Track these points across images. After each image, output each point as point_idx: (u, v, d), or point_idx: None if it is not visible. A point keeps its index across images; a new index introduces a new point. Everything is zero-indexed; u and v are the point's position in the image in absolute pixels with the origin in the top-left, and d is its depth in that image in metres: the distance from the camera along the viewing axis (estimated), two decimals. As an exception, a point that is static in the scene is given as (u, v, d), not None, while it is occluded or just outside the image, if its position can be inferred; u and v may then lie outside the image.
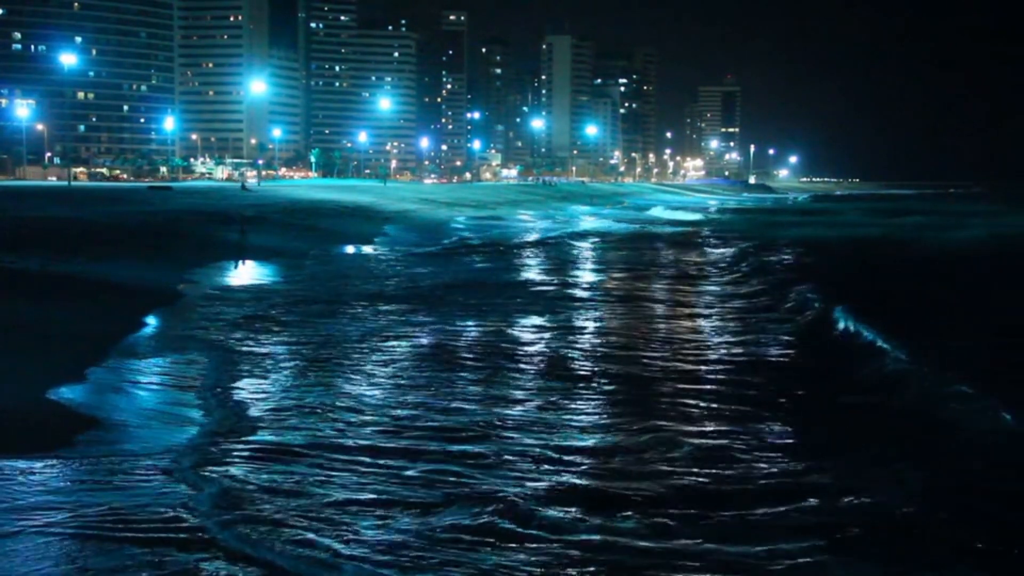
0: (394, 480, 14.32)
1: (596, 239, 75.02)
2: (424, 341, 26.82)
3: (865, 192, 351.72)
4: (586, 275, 46.73)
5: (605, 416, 18.26)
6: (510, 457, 15.44)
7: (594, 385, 20.97)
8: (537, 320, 30.84)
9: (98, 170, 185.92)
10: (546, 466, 15.00)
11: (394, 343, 26.27)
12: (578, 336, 27.77)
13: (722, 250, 62.00)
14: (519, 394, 20.04)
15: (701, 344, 26.36)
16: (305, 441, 16.32)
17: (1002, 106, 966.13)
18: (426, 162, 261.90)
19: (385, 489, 13.85)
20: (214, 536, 12.08)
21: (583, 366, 23.18)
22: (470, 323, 29.89)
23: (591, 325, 30.14)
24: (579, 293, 38.69)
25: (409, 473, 14.64)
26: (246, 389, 20.31)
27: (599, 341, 27.05)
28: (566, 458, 15.42)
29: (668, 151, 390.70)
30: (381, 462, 15.15)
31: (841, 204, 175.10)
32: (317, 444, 16.19)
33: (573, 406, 18.99)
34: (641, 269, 49.78)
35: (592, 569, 11.22)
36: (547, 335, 27.85)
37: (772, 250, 57.98)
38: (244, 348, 24.99)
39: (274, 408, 18.69)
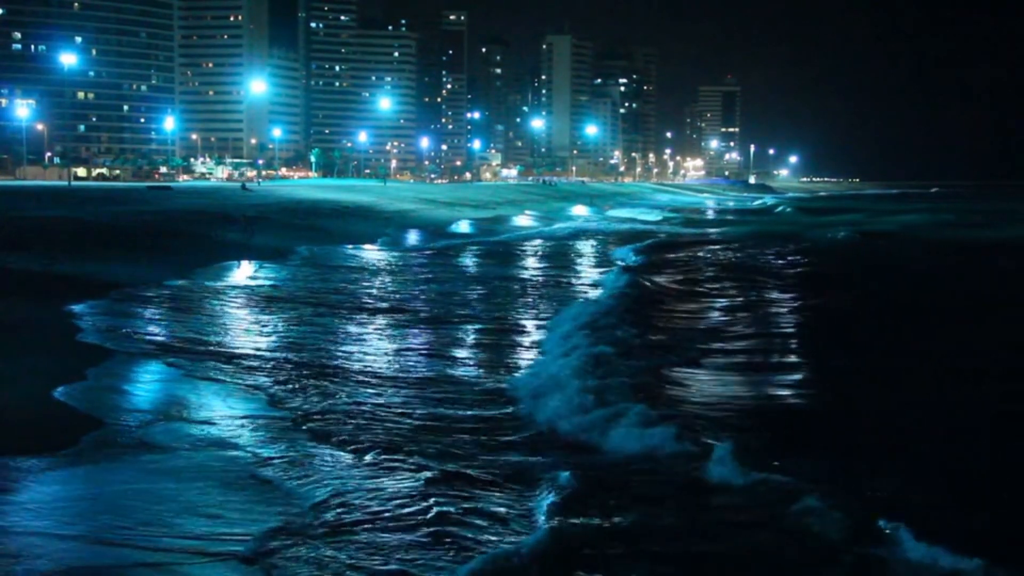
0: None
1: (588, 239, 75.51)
2: (418, 340, 26.99)
3: (852, 192, 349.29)
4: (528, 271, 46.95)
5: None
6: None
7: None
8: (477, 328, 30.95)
9: (109, 171, 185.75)
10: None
11: (389, 338, 26.40)
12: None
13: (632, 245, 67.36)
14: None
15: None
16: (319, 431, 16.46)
17: (1004, 105, 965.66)
18: (426, 162, 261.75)
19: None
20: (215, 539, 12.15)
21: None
22: (464, 324, 30.06)
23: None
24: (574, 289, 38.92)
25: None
26: (250, 386, 20.36)
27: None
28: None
29: (668, 151, 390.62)
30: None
31: (797, 204, 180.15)
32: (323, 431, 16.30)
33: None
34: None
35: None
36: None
37: (674, 248, 65.55)
38: (247, 346, 25.05)
39: (281, 403, 18.81)
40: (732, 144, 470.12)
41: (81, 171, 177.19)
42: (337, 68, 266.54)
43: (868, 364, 24.23)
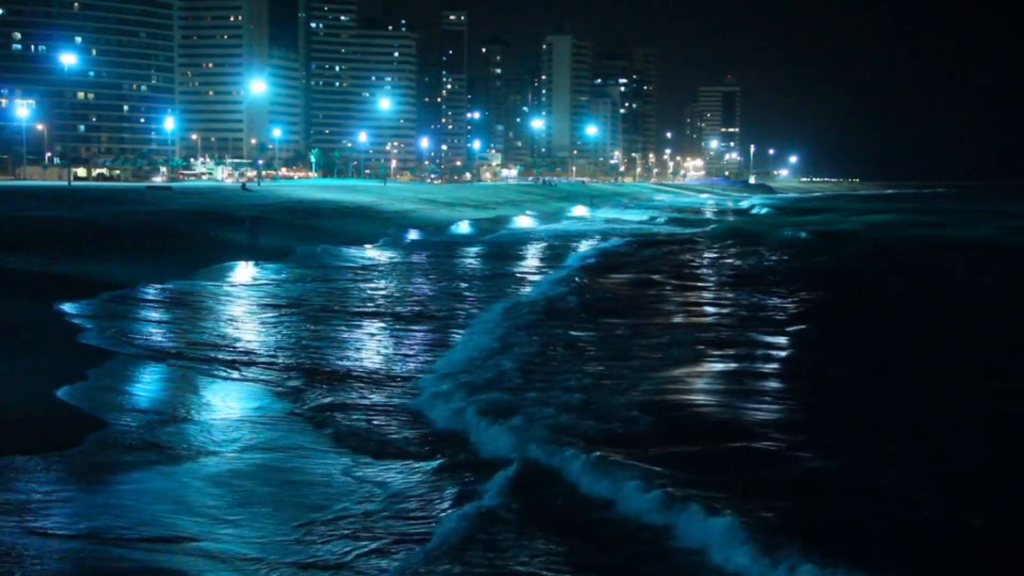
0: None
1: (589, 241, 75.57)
2: (415, 339, 27.07)
3: (848, 193, 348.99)
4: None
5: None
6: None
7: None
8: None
9: (109, 171, 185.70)
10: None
11: (389, 336, 26.47)
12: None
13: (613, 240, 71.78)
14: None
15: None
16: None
17: (1004, 105, 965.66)
18: (426, 162, 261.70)
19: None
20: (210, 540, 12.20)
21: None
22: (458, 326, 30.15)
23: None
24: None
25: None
26: (252, 385, 20.40)
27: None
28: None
29: (668, 151, 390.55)
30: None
31: (782, 205, 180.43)
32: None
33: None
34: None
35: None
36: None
37: (652, 244, 69.03)
38: (249, 346, 25.08)
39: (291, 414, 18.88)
40: (732, 144, 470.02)
41: (81, 171, 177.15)
42: (337, 68, 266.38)
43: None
